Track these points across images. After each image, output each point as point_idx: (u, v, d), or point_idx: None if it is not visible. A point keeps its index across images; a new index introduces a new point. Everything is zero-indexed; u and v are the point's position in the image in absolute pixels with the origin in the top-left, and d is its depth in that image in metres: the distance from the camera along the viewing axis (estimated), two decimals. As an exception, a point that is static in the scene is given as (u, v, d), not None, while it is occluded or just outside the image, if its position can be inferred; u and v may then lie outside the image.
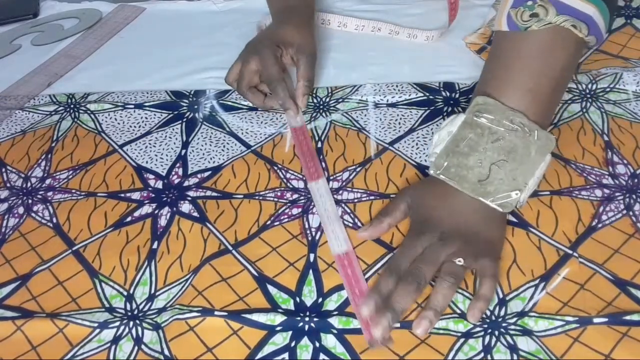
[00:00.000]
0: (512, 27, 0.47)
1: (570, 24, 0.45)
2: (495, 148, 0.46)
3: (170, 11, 0.85)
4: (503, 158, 0.45)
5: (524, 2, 0.46)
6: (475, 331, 0.43)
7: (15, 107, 0.69)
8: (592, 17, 0.45)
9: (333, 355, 0.43)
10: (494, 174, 0.46)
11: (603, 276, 0.45)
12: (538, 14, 0.45)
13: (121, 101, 0.67)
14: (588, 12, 0.45)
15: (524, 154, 0.46)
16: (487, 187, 0.46)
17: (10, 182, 0.60)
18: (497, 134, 0.46)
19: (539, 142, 0.46)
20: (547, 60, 0.47)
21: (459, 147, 0.47)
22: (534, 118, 0.47)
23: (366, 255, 0.49)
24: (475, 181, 0.46)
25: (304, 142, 0.59)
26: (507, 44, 0.48)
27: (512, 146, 0.46)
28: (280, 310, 0.46)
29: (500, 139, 0.46)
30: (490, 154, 0.46)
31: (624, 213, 0.49)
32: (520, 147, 0.46)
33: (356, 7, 0.78)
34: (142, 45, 0.78)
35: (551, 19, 0.45)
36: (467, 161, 0.46)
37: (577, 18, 0.45)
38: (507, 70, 0.48)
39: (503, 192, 0.46)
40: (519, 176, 0.46)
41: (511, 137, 0.46)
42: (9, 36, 0.84)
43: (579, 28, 0.45)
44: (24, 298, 0.49)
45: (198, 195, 0.56)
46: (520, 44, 0.47)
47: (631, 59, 0.64)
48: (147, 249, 0.52)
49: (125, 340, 0.45)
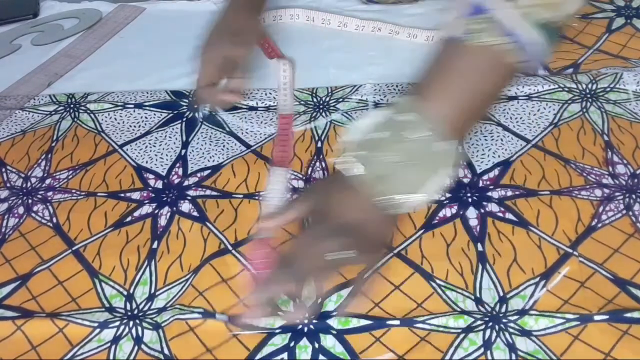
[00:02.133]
0: (456, 37, 0.46)
1: (506, 46, 0.44)
2: (399, 150, 0.45)
3: (170, 11, 0.85)
4: (404, 161, 0.45)
5: (471, 15, 0.45)
6: (476, 325, 0.43)
7: (15, 107, 0.69)
8: (530, 42, 0.44)
9: (332, 355, 0.43)
10: (393, 175, 0.45)
11: (603, 275, 0.45)
12: (480, 31, 0.44)
13: (121, 101, 0.67)
14: (527, 36, 0.44)
15: (427, 162, 0.45)
16: (384, 186, 0.46)
17: (10, 182, 0.60)
18: (404, 136, 0.45)
19: (445, 154, 0.45)
20: (478, 77, 0.46)
21: (369, 142, 0.47)
22: (449, 129, 0.46)
23: (366, 255, 0.49)
24: (374, 177, 0.46)
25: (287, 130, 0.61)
26: (446, 52, 0.48)
27: (416, 151, 0.45)
28: (279, 312, 0.46)
29: (406, 142, 0.45)
30: (393, 155, 0.45)
31: (623, 213, 0.49)
32: (424, 154, 0.45)
33: (356, 7, 0.78)
34: (142, 45, 0.78)
35: (489, 37, 0.44)
36: (371, 156, 0.46)
37: (515, 41, 0.44)
38: (437, 77, 0.47)
39: (398, 193, 0.45)
40: (416, 181, 0.45)
41: (418, 142, 0.45)
42: (9, 36, 0.84)
43: (514, 51, 0.44)
44: (24, 298, 0.49)
45: (198, 194, 0.56)
46: (458, 55, 0.46)
47: (631, 59, 0.64)
48: (147, 249, 0.52)
49: (125, 340, 0.45)
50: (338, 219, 0.46)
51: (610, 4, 0.72)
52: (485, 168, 0.55)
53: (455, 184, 0.54)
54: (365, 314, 0.45)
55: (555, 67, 0.64)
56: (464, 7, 0.45)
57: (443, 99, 0.46)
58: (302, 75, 0.68)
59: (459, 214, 0.51)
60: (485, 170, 0.54)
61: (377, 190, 0.45)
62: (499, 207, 0.51)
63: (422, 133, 0.45)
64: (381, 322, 0.44)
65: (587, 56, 0.65)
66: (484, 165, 0.55)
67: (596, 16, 0.71)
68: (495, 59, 0.45)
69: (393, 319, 0.44)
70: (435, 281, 0.47)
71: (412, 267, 0.48)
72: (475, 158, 0.56)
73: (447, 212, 0.51)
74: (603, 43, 0.67)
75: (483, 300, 0.45)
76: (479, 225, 0.50)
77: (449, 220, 0.51)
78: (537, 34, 0.44)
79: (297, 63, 0.70)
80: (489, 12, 0.44)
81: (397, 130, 0.45)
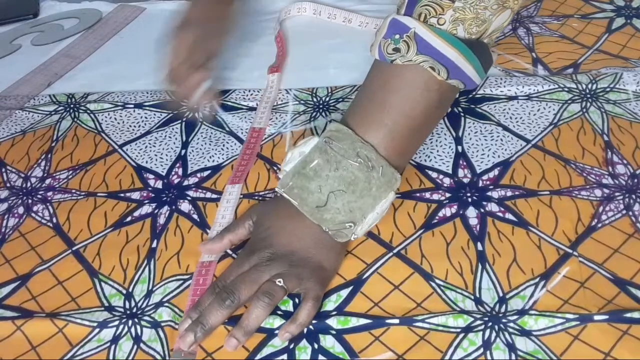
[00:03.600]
0: (381, 57, 0.46)
1: (428, 65, 0.44)
2: (336, 177, 0.45)
3: (170, 11, 0.85)
4: (342, 189, 0.45)
5: (393, 34, 0.44)
6: (476, 325, 0.43)
7: (15, 107, 0.69)
8: (453, 62, 0.44)
9: (332, 355, 0.43)
10: (331, 203, 0.45)
11: (603, 275, 0.45)
12: (401, 49, 0.44)
13: (121, 101, 0.67)
14: (449, 55, 0.43)
15: (364, 188, 0.45)
16: (324, 214, 0.45)
17: (10, 181, 0.60)
18: (340, 164, 0.45)
19: (383, 179, 0.45)
20: (408, 98, 0.45)
21: (305, 170, 0.46)
22: (385, 154, 0.46)
23: (365, 254, 0.49)
24: (314, 206, 0.45)
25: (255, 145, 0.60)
26: (375, 74, 0.47)
27: (353, 178, 0.45)
28: (279, 312, 0.46)
29: (342, 169, 0.45)
30: (331, 182, 0.45)
31: (623, 213, 0.49)
32: (362, 180, 0.45)
33: (356, 8, 0.78)
34: (142, 45, 0.78)
35: (411, 57, 0.44)
36: (309, 185, 0.45)
37: (437, 60, 0.43)
38: (368, 101, 0.47)
39: (339, 221, 0.45)
40: (356, 209, 0.45)
41: (354, 169, 0.45)
42: (9, 36, 0.84)
43: (437, 70, 0.44)
44: (24, 298, 0.49)
45: (198, 196, 0.56)
46: (385, 76, 0.46)
47: (631, 59, 0.63)
48: (146, 249, 0.52)
49: (124, 340, 0.45)
50: (279, 244, 0.46)
51: (610, 4, 0.72)
52: (485, 168, 0.55)
53: (455, 184, 0.54)
54: (364, 313, 0.45)
55: (555, 67, 0.64)
56: (386, 28, 0.45)
57: (377, 122, 0.46)
58: (302, 75, 0.68)
59: (459, 213, 0.51)
60: (485, 170, 0.54)
61: (317, 219, 0.45)
62: (499, 207, 0.51)
63: (355, 160, 0.44)
64: (380, 321, 0.44)
65: (587, 56, 0.65)
66: (484, 165, 0.55)
67: (596, 16, 0.71)
68: (420, 77, 0.44)
69: (392, 318, 0.44)
70: (435, 281, 0.47)
71: (412, 267, 0.48)
72: (475, 158, 0.56)
73: (447, 211, 0.51)
74: (603, 43, 0.67)
75: (483, 300, 0.45)
76: (478, 225, 0.50)
77: (449, 219, 0.51)
78: (456, 51, 0.43)
79: (297, 63, 0.71)
80: (408, 31, 0.44)
81: (331, 158, 0.45)
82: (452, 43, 0.43)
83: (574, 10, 0.72)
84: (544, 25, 0.70)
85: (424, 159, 0.56)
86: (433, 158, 0.56)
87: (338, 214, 0.45)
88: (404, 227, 0.51)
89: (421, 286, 0.46)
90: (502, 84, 0.62)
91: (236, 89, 0.67)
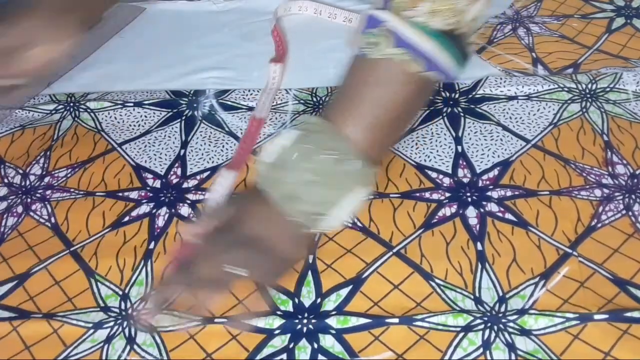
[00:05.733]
0: (359, 52, 0.46)
1: (404, 58, 0.43)
2: (308, 169, 0.45)
3: (170, 11, 0.85)
4: (313, 180, 0.44)
5: (367, 29, 0.44)
6: (475, 324, 0.43)
7: (15, 107, 0.69)
8: (429, 54, 0.43)
9: (331, 355, 0.43)
10: (301, 194, 0.45)
11: (603, 275, 0.45)
12: (377, 43, 0.44)
13: (121, 100, 0.67)
14: (425, 48, 0.43)
15: (336, 181, 0.45)
16: (294, 205, 0.45)
17: (8, 177, 0.60)
18: (313, 156, 0.45)
19: (356, 173, 0.45)
20: (386, 92, 0.45)
21: (280, 161, 0.46)
22: (362, 147, 0.45)
23: (365, 254, 0.49)
24: (285, 196, 0.45)
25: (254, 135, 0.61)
26: (353, 69, 0.47)
27: (326, 170, 0.44)
28: (278, 312, 0.46)
29: (315, 162, 0.44)
30: (302, 174, 0.45)
31: (623, 213, 0.49)
32: (334, 173, 0.45)
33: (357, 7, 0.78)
34: (142, 45, 0.78)
35: (387, 50, 0.44)
36: (282, 175, 0.45)
37: (412, 53, 0.43)
38: (347, 96, 0.47)
39: (308, 212, 0.45)
40: (327, 201, 0.45)
41: (327, 161, 0.44)
42: (9, 36, 0.84)
43: (413, 63, 0.44)
44: (22, 299, 0.49)
45: (197, 198, 0.56)
46: (363, 71, 0.46)
47: (631, 59, 0.63)
48: (143, 249, 0.52)
49: (117, 339, 0.45)
50: (245, 231, 0.46)
51: (610, 4, 0.72)
52: (484, 168, 0.55)
53: (455, 184, 0.53)
54: (364, 313, 0.45)
55: (555, 67, 0.64)
56: (362, 22, 0.45)
57: (354, 116, 0.46)
58: (302, 75, 0.68)
59: (459, 213, 0.51)
60: (484, 170, 0.54)
61: (287, 209, 0.45)
62: (499, 207, 0.51)
63: (329, 153, 0.44)
64: (380, 320, 0.44)
65: (587, 56, 0.65)
66: (484, 165, 0.55)
67: (596, 16, 0.71)
68: (397, 70, 0.44)
69: (392, 317, 0.44)
70: (435, 280, 0.47)
71: (412, 267, 0.48)
72: (474, 158, 0.56)
73: (447, 211, 0.51)
74: (603, 43, 0.67)
75: (482, 300, 0.45)
76: (478, 224, 0.50)
77: (449, 219, 0.51)
78: (432, 43, 0.43)
79: (297, 63, 0.70)
80: (383, 24, 0.43)
81: (306, 150, 0.45)
82: (428, 36, 0.43)
83: (574, 10, 0.72)
84: (544, 25, 0.70)
85: (424, 159, 0.56)
86: (433, 158, 0.56)
87: (307, 205, 0.45)
88: (404, 226, 0.51)
89: (421, 286, 0.46)
90: (502, 84, 0.62)
91: (236, 89, 0.67)
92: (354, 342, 0.43)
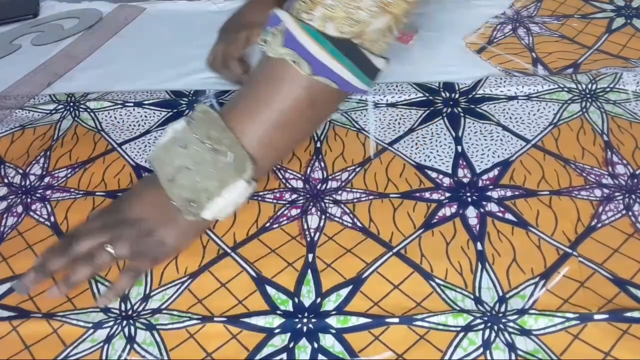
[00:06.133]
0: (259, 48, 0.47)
1: (290, 58, 0.44)
2: (185, 154, 0.46)
3: (170, 11, 0.85)
4: (188, 166, 0.46)
5: (268, 27, 0.45)
6: (475, 324, 0.43)
7: (15, 107, 0.69)
8: (317, 58, 0.43)
9: (331, 354, 0.43)
10: (178, 178, 0.46)
11: (603, 275, 0.45)
12: (270, 42, 0.44)
13: (120, 99, 0.67)
14: (312, 51, 0.43)
15: (210, 170, 0.46)
16: (173, 188, 0.46)
17: (8, 177, 0.60)
18: (191, 142, 0.46)
19: (233, 165, 0.45)
20: (274, 91, 0.46)
21: (168, 145, 0.48)
22: (247, 142, 0.46)
23: (365, 253, 0.49)
24: (165, 180, 0.47)
25: None
26: (258, 65, 0.48)
27: (200, 159, 0.46)
28: (278, 312, 0.46)
29: (191, 148, 0.46)
30: (181, 158, 0.46)
31: (623, 213, 0.49)
32: (207, 162, 0.45)
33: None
34: (142, 45, 0.78)
35: (276, 49, 0.44)
36: (165, 158, 0.47)
37: (299, 54, 0.43)
38: (242, 91, 0.48)
39: (184, 198, 0.46)
40: (201, 190, 0.46)
41: (202, 149, 0.46)
42: (9, 36, 0.84)
43: (298, 64, 0.44)
44: (21, 298, 0.49)
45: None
46: (261, 68, 0.47)
47: (631, 59, 0.64)
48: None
49: (117, 339, 0.45)
50: (127, 211, 0.48)
51: (610, 4, 0.72)
52: (484, 168, 0.55)
53: (455, 184, 0.53)
54: (364, 312, 0.45)
55: (555, 67, 0.64)
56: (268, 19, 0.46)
57: (240, 110, 0.47)
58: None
59: (459, 213, 0.51)
60: (484, 170, 0.54)
61: (169, 192, 0.46)
62: (499, 207, 0.51)
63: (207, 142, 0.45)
64: (380, 320, 0.44)
65: (587, 56, 0.65)
66: (484, 165, 0.55)
67: (596, 16, 0.71)
68: (289, 71, 0.44)
69: (392, 317, 0.44)
70: (435, 280, 0.47)
71: (412, 266, 0.48)
72: (474, 158, 0.56)
73: (447, 211, 0.51)
74: (603, 43, 0.67)
75: (482, 300, 0.45)
76: (478, 224, 0.50)
77: (449, 219, 0.51)
78: (319, 47, 0.43)
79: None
80: (279, 24, 0.44)
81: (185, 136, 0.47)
82: (317, 39, 0.43)
83: (574, 10, 0.72)
84: (544, 25, 0.71)
85: (424, 159, 0.56)
86: (433, 158, 0.56)
87: (183, 190, 0.46)
88: (404, 226, 0.51)
89: (421, 285, 0.46)
90: (502, 84, 0.62)
91: (236, 89, 0.67)
92: (354, 342, 0.43)
